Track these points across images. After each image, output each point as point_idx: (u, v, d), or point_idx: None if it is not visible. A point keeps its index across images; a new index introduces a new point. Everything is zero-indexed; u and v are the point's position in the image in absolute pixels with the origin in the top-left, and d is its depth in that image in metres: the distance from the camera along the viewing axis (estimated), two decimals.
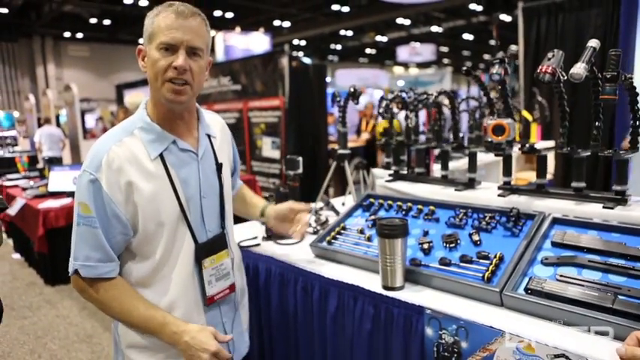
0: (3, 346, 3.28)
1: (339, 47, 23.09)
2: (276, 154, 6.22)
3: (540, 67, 1.32)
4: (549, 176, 3.45)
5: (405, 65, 25.90)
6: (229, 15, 15.30)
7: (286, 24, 17.45)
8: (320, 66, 7.06)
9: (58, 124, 10.74)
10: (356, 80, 16.74)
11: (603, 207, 1.29)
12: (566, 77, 1.32)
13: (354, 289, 1.35)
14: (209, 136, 1.27)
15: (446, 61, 25.57)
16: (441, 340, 1.16)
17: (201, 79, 1.15)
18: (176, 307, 1.18)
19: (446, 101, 1.79)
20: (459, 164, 2.52)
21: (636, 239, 1.18)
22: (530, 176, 3.14)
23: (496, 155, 1.48)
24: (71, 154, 8.59)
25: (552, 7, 4.11)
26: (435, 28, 18.28)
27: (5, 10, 15.03)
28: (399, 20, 17.14)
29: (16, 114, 17.72)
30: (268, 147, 6.41)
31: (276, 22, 17.11)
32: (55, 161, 6.71)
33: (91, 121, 13.78)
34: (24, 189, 5.09)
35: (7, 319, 3.68)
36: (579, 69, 1.25)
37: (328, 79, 21.09)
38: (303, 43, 21.38)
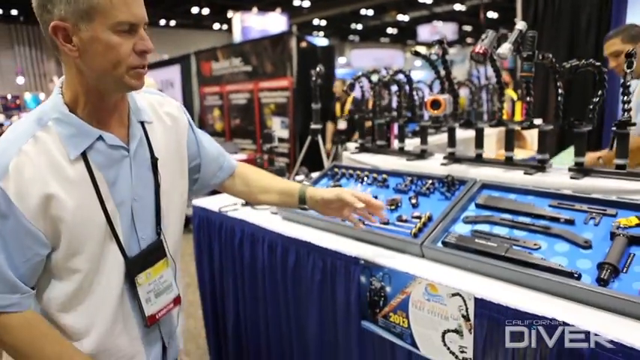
0: None
1: (359, 27, 22.84)
2: (285, 133, 6.41)
3: (474, 47, 1.46)
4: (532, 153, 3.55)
5: (428, 45, 25.53)
6: None
7: (306, 3, 17.35)
8: (328, 47, 7.16)
9: None
10: (371, 60, 16.65)
11: (524, 173, 1.45)
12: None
13: (308, 245, 1.55)
14: (143, 124, 1.04)
15: (469, 40, 25.10)
16: (372, 286, 1.36)
17: None
18: (106, 334, 1.00)
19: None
20: (434, 139, 2.67)
21: (545, 200, 1.34)
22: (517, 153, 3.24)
23: (433, 128, 1.64)
24: None
25: None
26: (457, 6, 17.92)
27: None
28: None
29: (42, 96, 18.29)
30: (278, 127, 6.59)
31: (296, 2, 17.05)
32: None
33: None
34: None
35: None
36: (505, 49, 1.39)
37: (344, 60, 21.05)
38: (323, 23, 21.23)
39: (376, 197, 1.62)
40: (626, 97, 1.31)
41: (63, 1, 0.83)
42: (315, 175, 2.30)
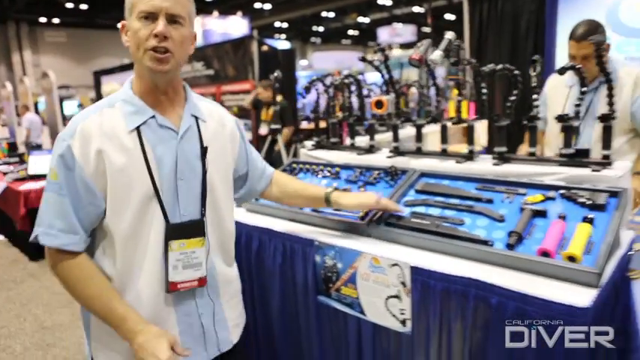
0: None
1: (321, 29, 23.16)
2: (248, 135, 6.54)
3: (411, 54, 1.68)
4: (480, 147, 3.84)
5: (389, 47, 26.03)
6: None
7: (267, 6, 17.49)
8: (289, 50, 7.35)
9: (37, 112, 10.86)
10: (333, 62, 16.93)
11: (456, 162, 1.68)
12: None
13: (269, 232, 1.72)
14: (197, 118, 1.20)
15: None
16: (325, 264, 1.54)
17: (184, 48, 1.12)
18: (143, 289, 1.12)
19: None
20: (384, 136, 2.90)
21: (472, 184, 1.57)
22: (463, 147, 3.52)
23: (380, 125, 1.86)
24: (51, 140, 8.79)
25: None
26: (416, 9, 18.46)
27: None
28: (381, 1, 17.25)
29: None
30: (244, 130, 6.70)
31: (257, 5, 17.15)
32: (37, 147, 6.97)
33: (70, 108, 13.85)
34: (4, 173, 5.36)
35: None
36: (436, 55, 1.61)
37: (305, 62, 21.30)
38: (285, 25, 21.43)
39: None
40: (536, 95, 1.55)
41: (125, 5, 1.09)
42: None
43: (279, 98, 4.47)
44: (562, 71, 1.48)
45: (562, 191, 1.39)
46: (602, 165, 1.42)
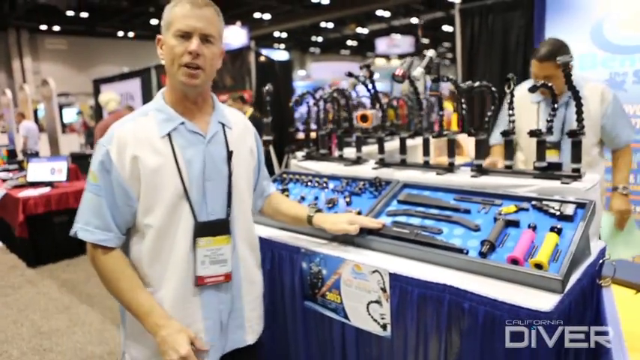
0: None
1: (320, 39, 23.37)
2: None
3: (395, 71, 1.76)
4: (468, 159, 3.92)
5: (387, 57, 26.33)
6: None
7: (267, 16, 17.68)
8: (286, 62, 7.46)
9: (36, 119, 10.95)
10: (330, 73, 17.08)
11: (436, 174, 1.76)
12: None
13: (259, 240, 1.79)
14: (223, 125, 1.30)
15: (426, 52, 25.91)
16: (311, 270, 1.62)
17: (213, 64, 1.23)
18: (172, 282, 1.22)
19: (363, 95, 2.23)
20: (374, 148, 2.99)
21: (451, 195, 1.65)
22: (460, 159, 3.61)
23: (365, 138, 1.94)
24: (50, 147, 8.87)
25: (484, 8, 4.58)
26: (414, 20, 18.67)
27: None
28: (379, 12, 17.46)
29: None
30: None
31: (257, 15, 17.33)
32: (35, 155, 7.04)
33: (69, 115, 13.93)
34: (4, 180, 5.43)
35: None
36: (417, 72, 1.69)
37: (303, 72, 21.46)
38: (284, 35, 21.62)
39: (317, 197, 1.90)
40: (511, 112, 1.63)
41: (162, 21, 1.21)
42: None
43: (249, 111, 4.40)
44: (533, 89, 1.56)
45: (534, 202, 1.47)
46: (572, 178, 1.50)
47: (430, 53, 1.75)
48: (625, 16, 3.33)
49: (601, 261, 1.47)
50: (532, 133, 1.55)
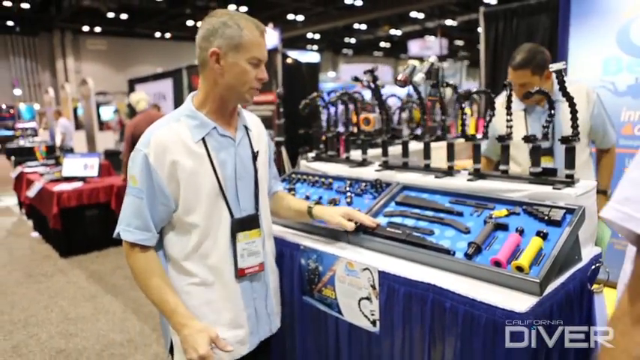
0: (23, 302, 3.91)
1: (353, 41, 23.39)
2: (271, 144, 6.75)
3: (398, 76, 1.81)
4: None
5: (421, 59, 25.96)
6: (243, 9, 15.77)
7: (300, 18, 17.86)
8: (313, 64, 7.54)
9: (76, 117, 11.44)
10: (360, 74, 17.06)
11: (435, 177, 1.79)
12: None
13: None
14: (246, 128, 1.43)
15: (462, 54, 25.64)
16: (309, 267, 1.69)
17: None
18: (216, 275, 1.34)
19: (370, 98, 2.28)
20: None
21: (446, 198, 1.69)
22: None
23: (364, 141, 2.00)
24: (87, 144, 9.27)
25: (508, 12, 4.54)
26: (449, 22, 18.45)
27: (27, 5, 15.79)
28: (413, 14, 17.36)
29: (36, 106, 18.52)
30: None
31: (290, 16, 17.54)
32: (70, 151, 7.40)
33: (106, 113, 14.46)
34: (41, 174, 5.74)
35: (26, 283, 4.33)
36: (418, 78, 1.73)
37: (333, 74, 21.51)
38: (317, 36, 21.76)
39: (321, 197, 1.97)
40: (509, 117, 1.66)
41: (222, 37, 1.26)
42: None
43: None
44: (528, 95, 1.58)
45: (525, 207, 1.49)
46: (565, 184, 1.51)
47: (431, 59, 1.79)
48: None
49: (593, 267, 1.48)
50: (527, 139, 1.57)
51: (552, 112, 1.56)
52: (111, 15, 16.66)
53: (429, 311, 1.33)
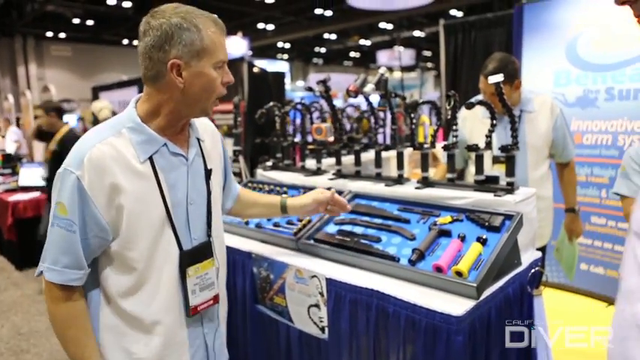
0: None
1: (323, 50, 23.58)
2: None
3: (349, 86, 1.84)
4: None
5: (390, 69, 26.36)
6: None
7: (270, 27, 17.90)
8: (279, 73, 7.57)
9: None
10: (331, 84, 17.19)
11: (385, 185, 1.83)
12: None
13: None
14: (198, 140, 1.22)
15: (429, 65, 26.23)
16: (261, 275, 1.69)
17: None
18: (160, 317, 1.12)
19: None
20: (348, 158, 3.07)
21: (394, 205, 1.72)
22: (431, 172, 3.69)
23: (317, 149, 2.03)
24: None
25: (466, 25, 4.70)
26: (417, 33, 18.85)
27: None
28: (382, 24, 17.66)
29: None
30: (230, 147, 6.89)
31: (260, 25, 17.55)
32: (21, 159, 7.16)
33: (70, 121, 14.07)
34: None
35: None
36: (368, 88, 1.78)
37: (301, 83, 21.62)
38: (287, 45, 21.84)
39: None
40: (455, 127, 1.71)
41: (181, 44, 1.03)
42: None
43: (64, 128, 3.83)
44: (470, 106, 1.64)
45: (468, 214, 1.54)
46: (505, 191, 1.57)
47: (381, 70, 1.84)
48: (597, 35, 3.42)
49: (533, 270, 1.54)
50: (470, 148, 1.63)
51: (517, 121, 1.62)
52: (76, 21, 16.27)
53: (373, 317, 1.35)
